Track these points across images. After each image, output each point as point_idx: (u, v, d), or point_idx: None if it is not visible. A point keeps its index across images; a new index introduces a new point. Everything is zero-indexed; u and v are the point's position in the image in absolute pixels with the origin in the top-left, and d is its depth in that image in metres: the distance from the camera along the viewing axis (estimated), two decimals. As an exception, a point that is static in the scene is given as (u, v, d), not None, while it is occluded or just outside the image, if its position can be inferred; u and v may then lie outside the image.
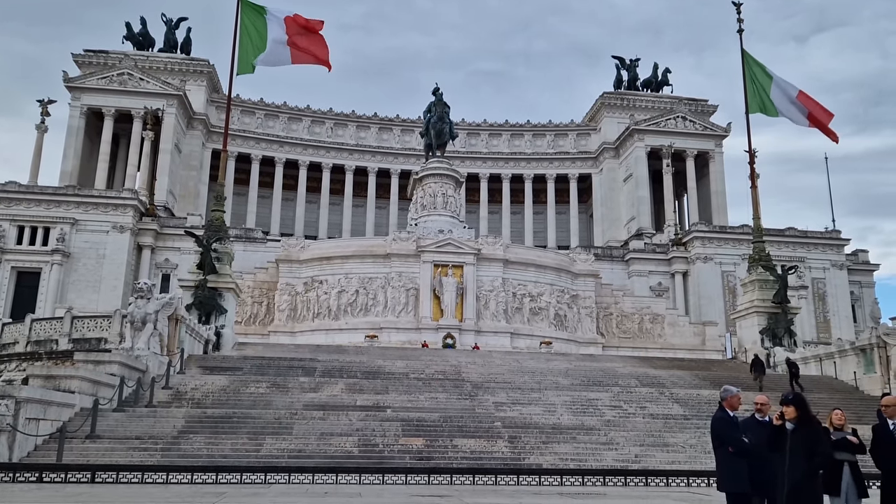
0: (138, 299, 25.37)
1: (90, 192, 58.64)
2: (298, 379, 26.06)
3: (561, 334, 48.58)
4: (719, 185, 72.69)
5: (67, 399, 18.96)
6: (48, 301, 53.10)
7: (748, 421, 8.92)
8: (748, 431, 8.61)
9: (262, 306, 48.72)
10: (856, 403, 26.52)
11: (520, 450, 19.54)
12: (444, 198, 53.95)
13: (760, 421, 8.83)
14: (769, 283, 40.34)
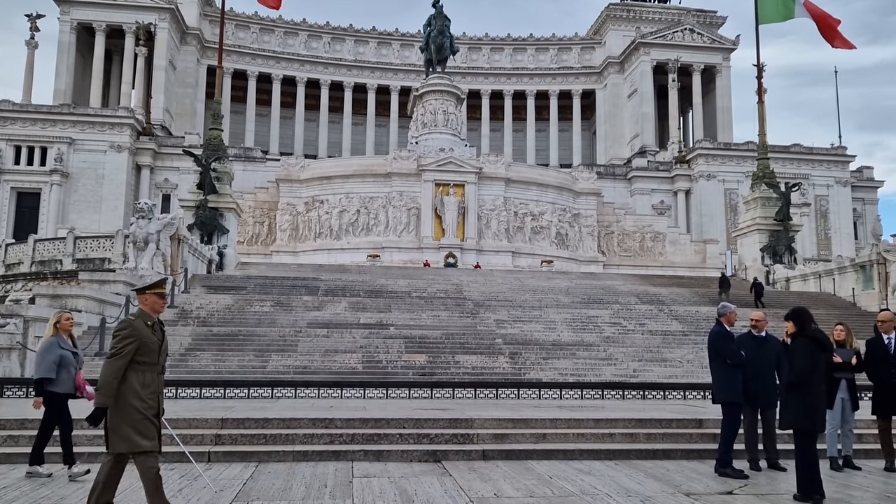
0: (139, 219, 25.35)
1: (85, 110, 57.73)
2: (302, 298, 26.35)
3: (562, 253, 48.80)
4: (725, 101, 71.29)
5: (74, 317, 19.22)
6: (50, 222, 53.18)
7: (743, 336, 9.05)
8: (743, 346, 8.75)
9: (264, 226, 48.79)
10: (852, 319, 26.84)
11: (520, 366, 19.95)
12: (445, 115, 53.07)
13: (756, 337, 8.96)
14: (772, 200, 40.16)
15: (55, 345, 8.03)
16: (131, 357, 5.70)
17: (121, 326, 5.85)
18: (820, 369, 7.30)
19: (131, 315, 6.03)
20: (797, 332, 7.44)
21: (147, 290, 6.05)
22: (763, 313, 9.42)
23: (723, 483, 7.76)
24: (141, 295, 6.07)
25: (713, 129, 69.60)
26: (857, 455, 9.26)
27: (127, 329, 5.78)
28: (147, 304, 6.00)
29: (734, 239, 45.90)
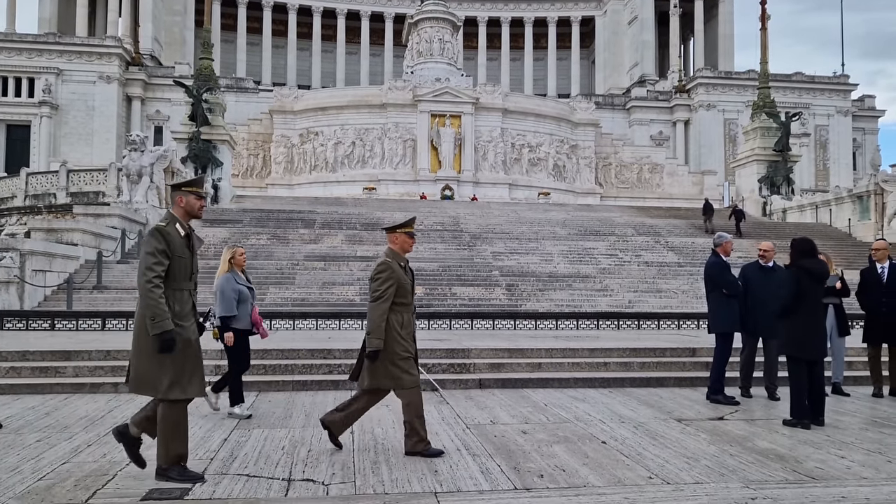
0: (132, 152, 25.05)
1: (72, 39, 56.22)
2: (298, 231, 26.32)
3: (559, 185, 48.55)
4: (727, 28, 69.56)
5: (71, 251, 19.23)
6: (41, 155, 52.53)
7: (751, 266, 9.06)
8: (750, 276, 8.77)
9: (258, 159, 48.28)
10: (847, 249, 27.02)
11: (517, 297, 20.11)
12: (441, 44, 51.82)
13: (763, 266, 8.94)
14: (771, 130, 39.75)
15: (232, 280, 7.64)
16: (393, 299, 5.65)
17: (381, 269, 5.69)
18: (809, 299, 7.28)
19: (386, 256, 5.80)
20: (789, 263, 7.48)
21: (397, 229, 5.87)
22: (771, 244, 9.34)
23: (714, 409, 7.92)
24: (391, 234, 5.90)
25: (714, 58, 68.18)
26: (847, 382, 9.44)
27: (387, 271, 5.66)
28: (397, 244, 5.84)
29: (732, 170, 45.66)
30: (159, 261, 4.82)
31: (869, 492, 4.82)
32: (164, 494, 4.63)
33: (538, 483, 4.96)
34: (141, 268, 4.86)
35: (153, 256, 4.82)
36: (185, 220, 5.09)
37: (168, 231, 4.92)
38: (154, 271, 4.79)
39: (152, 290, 4.75)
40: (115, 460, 5.48)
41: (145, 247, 4.87)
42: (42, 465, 5.36)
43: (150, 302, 4.74)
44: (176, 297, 4.92)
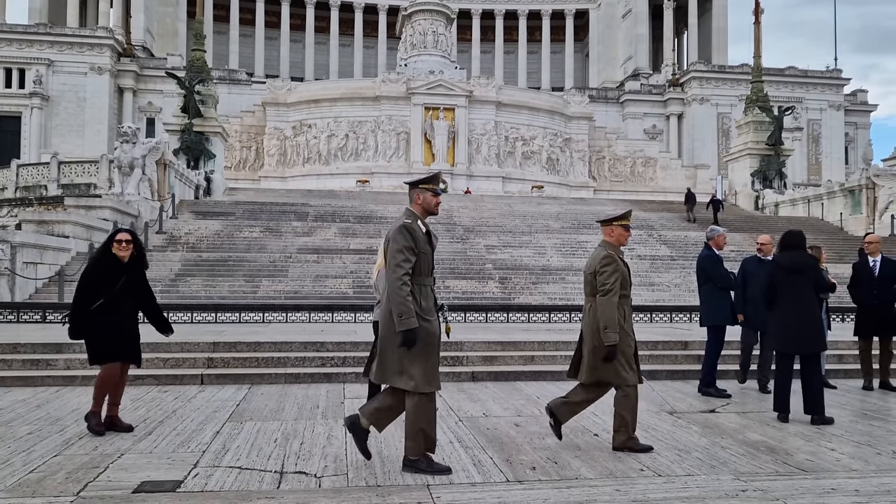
0: (124, 143, 24.89)
1: (63, 30, 55.78)
2: (291, 223, 26.25)
3: (553, 178, 48.57)
4: (721, 22, 69.60)
5: (63, 244, 19.13)
6: (32, 146, 52.18)
7: (749, 259, 9.09)
8: (749, 269, 8.80)
9: (251, 151, 48.08)
10: (839, 243, 27.15)
11: (510, 290, 20.14)
12: (435, 36, 51.65)
13: (762, 260, 8.96)
14: (764, 124, 39.85)
15: None
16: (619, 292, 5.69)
17: (606, 262, 5.71)
18: (786, 293, 7.13)
19: (608, 249, 5.81)
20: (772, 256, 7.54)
21: (613, 222, 5.88)
22: (769, 237, 9.34)
23: (706, 402, 7.96)
24: (606, 226, 5.91)
25: (708, 52, 68.24)
26: (837, 375, 9.51)
27: (612, 264, 5.70)
28: (613, 236, 5.89)
29: (725, 164, 45.76)
30: (407, 258, 4.94)
31: (858, 484, 4.86)
32: (157, 487, 4.63)
33: (530, 475, 4.98)
34: (391, 265, 4.96)
35: (402, 254, 4.94)
36: (423, 216, 5.20)
37: (414, 228, 5.03)
38: (403, 268, 4.91)
39: (401, 288, 4.88)
40: (106, 453, 5.47)
41: (394, 244, 4.97)
42: (33, 457, 5.34)
43: (399, 299, 4.87)
44: (422, 293, 5.05)
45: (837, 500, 4.48)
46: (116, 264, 6.28)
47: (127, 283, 6.28)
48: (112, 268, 6.26)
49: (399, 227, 5.03)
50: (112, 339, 6.20)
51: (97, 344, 6.20)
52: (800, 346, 7.08)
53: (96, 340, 6.19)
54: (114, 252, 6.27)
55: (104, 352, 6.21)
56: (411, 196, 5.27)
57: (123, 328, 6.26)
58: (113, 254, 6.27)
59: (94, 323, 6.17)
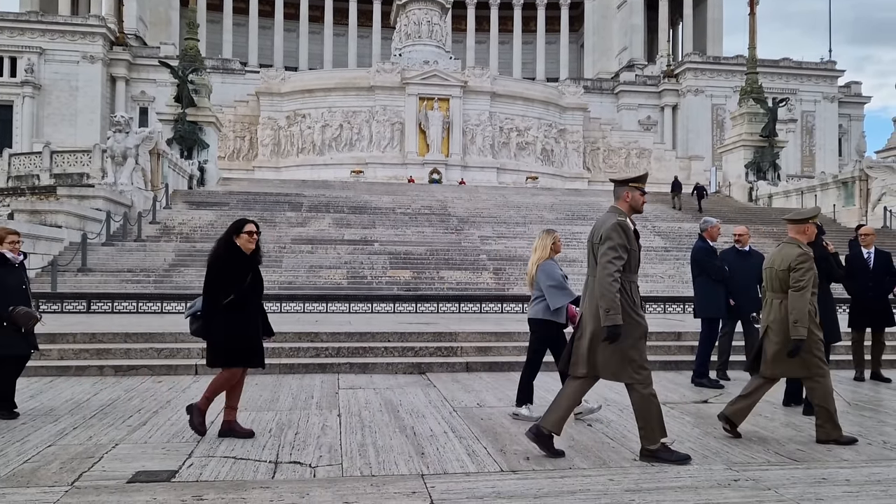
0: (116, 133, 24.75)
1: (55, 18, 55.34)
2: (286, 214, 26.19)
3: (547, 169, 48.57)
4: (716, 13, 69.57)
5: (55, 233, 19.04)
6: (24, 135, 51.84)
7: (728, 251, 9.11)
8: (727, 260, 8.82)
9: (245, 141, 47.90)
10: (832, 235, 27.20)
11: (504, 281, 20.15)
12: (430, 26, 51.46)
13: (740, 251, 9.01)
14: (759, 116, 39.91)
15: (557, 267, 6.80)
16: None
17: (802, 259, 5.72)
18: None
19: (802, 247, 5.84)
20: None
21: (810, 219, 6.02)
22: (745, 228, 9.42)
23: (698, 393, 8.00)
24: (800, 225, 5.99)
25: (703, 42, 68.20)
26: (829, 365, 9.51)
27: (809, 262, 5.74)
28: (806, 234, 5.96)
29: (720, 155, 45.83)
30: (620, 255, 5.02)
31: (849, 473, 4.90)
32: (152, 477, 4.63)
33: (524, 465, 5.00)
34: (602, 261, 5.03)
35: (615, 251, 5.01)
36: (629, 214, 5.24)
37: (627, 225, 5.11)
38: (615, 265, 4.99)
39: (612, 284, 4.96)
40: (100, 443, 5.46)
41: (608, 242, 5.03)
42: (27, 447, 5.34)
43: (609, 294, 4.95)
44: (633, 289, 5.13)
45: (828, 489, 4.51)
46: (243, 257, 5.77)
47: (253, 279, 5.84)
48: (240, 261, 5.75)
49: (614, 224, 5.08)
50: (241, 341, 5.71)
51: (225, 345, 5.69)
52: None
53: (225, 341, 5.68)
54: (237, 244, 5.75)
55: (233, 355, 5.72)
56: (619, 193, 5.32)
57: (248, 328, 5.78)
58: (237, 246, 5.75)
59: (222, 323, 5.67)
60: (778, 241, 7.66)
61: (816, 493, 4.43)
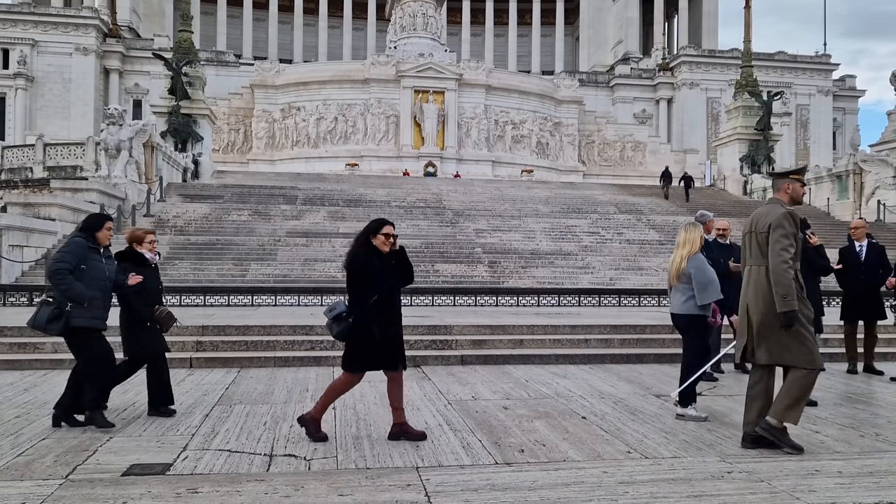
0: (110, 125, 24.64)
1: (47, 10, 54.98)
2: (280, 207, 26.14)
3: (542, 162, 48.55)
4: (712, 6, 69.52)
5: (49, 226, 18.97)
6: (17, 128, 51.56)
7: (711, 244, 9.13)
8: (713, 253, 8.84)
9: (239, 134, 47.73)
10: (826, 229, 27.30)
11: (499, 274, 20.18)
12: (425, 18, 51.29)
13: (722, 244, 9.04)
14: (754, 109, 39.95)
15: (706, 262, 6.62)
16: None
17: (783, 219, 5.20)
18: None
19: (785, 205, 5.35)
20: None
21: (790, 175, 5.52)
22: (727, 222, 9.44)
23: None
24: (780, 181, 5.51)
25: (698, 36, 68.18)
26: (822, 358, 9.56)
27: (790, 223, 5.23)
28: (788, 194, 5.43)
29: (715, 149, 45.89)
30: (792, 243, 5.17)
31: (842, 465, 4.93)
32: (146, 470, 4.63)
33: (519, 458, 5.02)
34: (775, 249, 5.16)
35: (787, 239, 5.16)
36: (790, 205, 5.37)
37: (795, 215, 5.25)
38: (789, 252, 5.15)
39: (787, 271, 5.11)
40: (95, 436, 5.46)
41: (780, 230, 5.16)
42: (21, 440, 5.33)
43: (784, 281, 5.10)
44: (798, 277, 5.21)
45: (821, 481, 4.54)
46: (382, 257, 5.53)
47: (392, 280, 5.60)
48: (381, 262, 5.51)
49: (784, 213, 5.21)
50: (384, 344, 5.48)
51: (366, 349, 5.46)
52: None
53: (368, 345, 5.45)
54: (374, 244, 5.52)
55: (374, 358, 5.49)
56: (778, 185, 5.47)
57: (392, 328, 5.55)
58: (374, 246, 5.51)
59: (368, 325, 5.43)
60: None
61: (809, 484, 4.46)
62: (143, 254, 6.41)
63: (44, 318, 5.71)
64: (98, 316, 5.85)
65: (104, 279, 5.89)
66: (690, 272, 6.34)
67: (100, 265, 5.89)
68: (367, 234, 5.57)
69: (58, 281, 5.66)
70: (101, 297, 5.84)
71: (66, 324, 5.70)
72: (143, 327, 6.26)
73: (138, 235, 6.47)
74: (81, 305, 5.70)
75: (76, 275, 5.70)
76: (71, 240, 5.91)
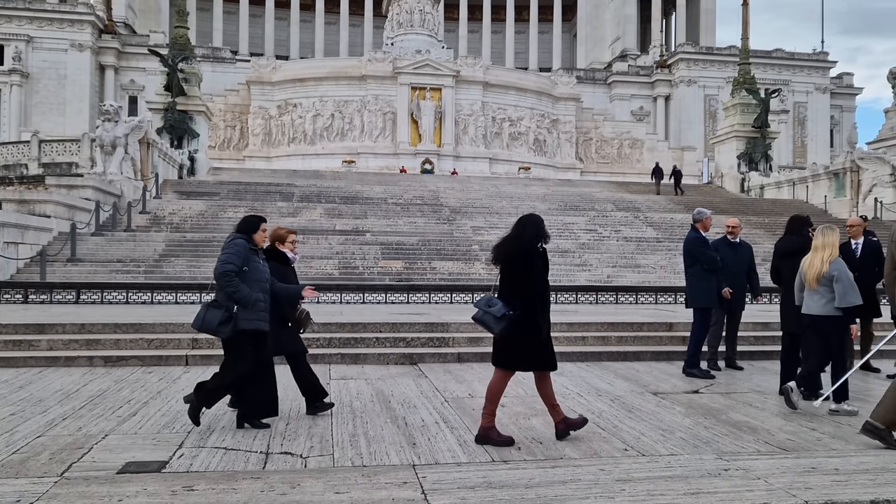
0: (106, 122, 24.53)
1: (42, 5, 54.70)
2: (277, 204, 26.08)
3: (540, 160, 48.53)
4: (710, 3, 69.53)
5: (44, 223, 18.89)
6: (12, 125, 51.37)
7: (719, 241, 9.14)
8: (718, 251, 8.85)
9: (236, 130, 47.62)
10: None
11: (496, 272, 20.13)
12: (422, 14, 51.20)
13: (731, 242, 9.05)
14: (751, 107, 39.97)
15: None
16: None
17: None
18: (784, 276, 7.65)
19: None
20: None
21: None
22: (737, 220, 9.48)
23: (689, 383, 8.03)
24: None
25: (696, 33, 68.16)
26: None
27: None
28: None
29: (712, 146, 45.90)
30: None
31: (838, 462, 4.93)
32: (142, 468, 4.61)
33: (515, 455, 5.01)
34: None
35: None
36: None
37: None
38: None
39: None
40: (90, 434, 5.43)
41: None
42: (16, 438, 5.30)
43: None
44: None
45: (817, 478, 4.54)
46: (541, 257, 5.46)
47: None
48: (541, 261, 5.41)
49: None
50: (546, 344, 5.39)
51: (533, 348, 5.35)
52: (794, 325, 7.39)
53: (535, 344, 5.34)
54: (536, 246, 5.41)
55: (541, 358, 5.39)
56: None
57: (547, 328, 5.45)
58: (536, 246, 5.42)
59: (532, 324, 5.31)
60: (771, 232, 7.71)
61: (805, 482, 4.46)
62: (286, 253, 6.46)
63: (215, 321, 5.56)
64: (262, 318, 5.77)
65: (264, 280, 5.84)
66: (833, 275, 6.50)
67: (260, 266, 5.84)
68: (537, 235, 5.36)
69: (226, 283, 5.57)
70: (263, 298, 5.79)
71: (234, 327, 5.61)
72: (284, 327, 6.25)
73: (281, 234, 6.50)
74: (247, 308, 5.63)
75: (241, 277, 5.63)
76: (232, 241, 5.78)
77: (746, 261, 9.02)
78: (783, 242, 7.79)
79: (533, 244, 5.33)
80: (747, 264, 9.02)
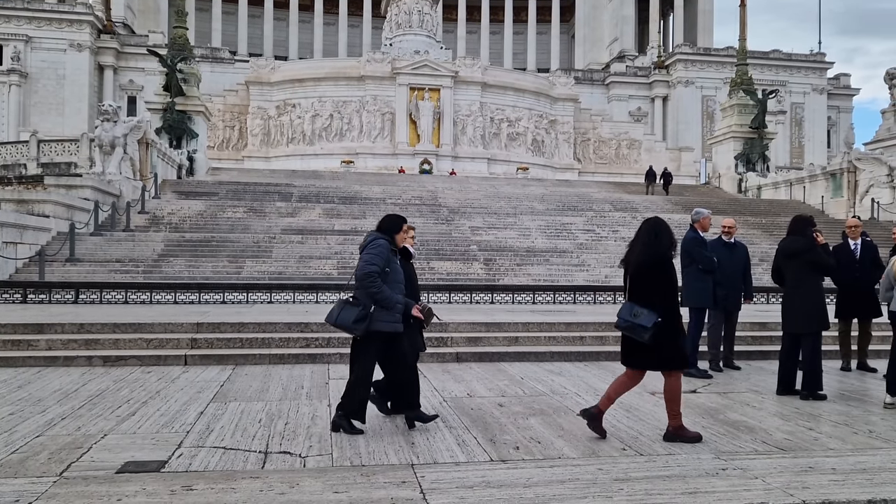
0: (104, 122, 24.51)
1: (41, 5, 54.69)
2: (275, 204, 26.08)
3: (538, 160, 48.57)
4: (707, 4, 69.63)
5: (43, 223, 18.88)
6: (10, 125, 51.34)
7: (715, 242, 9.16)
8: (714, 252, 8.87)
9: (235, 130, 47.61)
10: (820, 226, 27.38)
11: (494, 272, 20.17)
12: (420, 15, 51.23)
13: (726, 243, 9.08)
14: (748, 107, 40.03)
15: None
16: None
17: None
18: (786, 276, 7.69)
19: None
20: None
21: None
22: (733, 220, 9.51)
23: (687, 382, 8.02)
24: None
25: (693, 34, 68.26)
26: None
27: None
28: None
29: (710, 147, 45.95)
30: None
31: (835, 462, 4.95)
32: (141, 467, 4.62)
33: (514, 455, 5.02)
34: None
35: None
36: None
37: None
38: None
39: None
40: (89, 433, 5.44)
41: None
42: (15, 438, 5.31)
43: None
44: None
45: (814, 478, 4.56)
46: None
47: None
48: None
49: None
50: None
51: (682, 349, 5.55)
52: (795, 326, 7.45)
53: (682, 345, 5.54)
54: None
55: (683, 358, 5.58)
56: None
57: None
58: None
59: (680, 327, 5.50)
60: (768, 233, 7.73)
61: (803, 481, 4.47)
62: (408, 248, 6.35)
63: (351, 318, 5.54)
64: (398, 320, 5.72)
65: (402, 282, 5.81)
66: None
67: (398, 268, 5.82)
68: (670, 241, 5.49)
69: (369, 283, 5.53)
70: (403, 301, 5.74)
71: (369, 326, 5.57)
72: (406, 324, 6.13)
73: None
74: (386, 309, 5.59)
75: (383, 278, 5.59)
76: (375, 241, 5.71)
77: (742, 261, 9.05)
78: (786, 243, 7.75)
79: (669, 251, 5.49)
80: (743, 265, 9.04)
